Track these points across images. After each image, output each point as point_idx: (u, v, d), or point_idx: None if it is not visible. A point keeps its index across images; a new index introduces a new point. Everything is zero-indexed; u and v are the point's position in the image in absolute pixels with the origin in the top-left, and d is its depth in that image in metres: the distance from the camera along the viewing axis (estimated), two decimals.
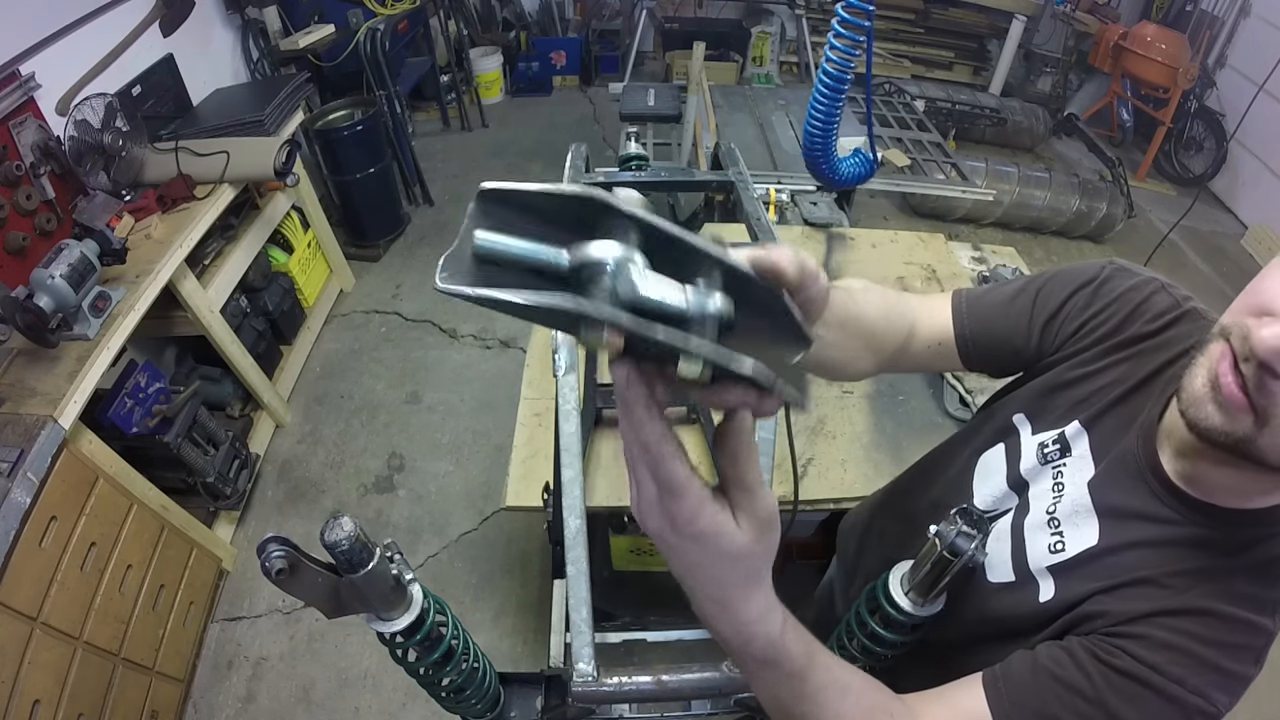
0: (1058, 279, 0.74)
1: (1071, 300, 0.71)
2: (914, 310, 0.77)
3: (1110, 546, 0.61)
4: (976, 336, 0.75)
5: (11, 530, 1.34)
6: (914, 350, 0.76)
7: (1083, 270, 0.73)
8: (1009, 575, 0.68)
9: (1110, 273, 0.71)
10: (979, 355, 0.76)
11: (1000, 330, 0.74)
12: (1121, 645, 0.55)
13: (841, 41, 1.18)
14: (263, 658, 2.02)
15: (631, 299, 0.30)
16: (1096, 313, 0.70)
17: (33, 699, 1.38)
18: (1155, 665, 0.53)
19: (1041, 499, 0.69)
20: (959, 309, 0.76)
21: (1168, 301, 0.67)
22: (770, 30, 5.17)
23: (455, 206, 3.85)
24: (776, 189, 2.05)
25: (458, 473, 2.51)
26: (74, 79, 2.07)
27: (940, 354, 0.77)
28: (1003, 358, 0.76)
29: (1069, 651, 0.57)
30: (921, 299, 0.79)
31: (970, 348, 0.75)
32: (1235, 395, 0.48)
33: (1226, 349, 0.50)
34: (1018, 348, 0.74)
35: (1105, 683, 0.54)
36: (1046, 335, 0.73)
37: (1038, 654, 0.59)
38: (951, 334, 0.76)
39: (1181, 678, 0.53)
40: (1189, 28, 4.33)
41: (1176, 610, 0.55)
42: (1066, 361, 0.71)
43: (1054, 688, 0.56)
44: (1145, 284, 0.69)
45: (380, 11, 3.46)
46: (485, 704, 0.77)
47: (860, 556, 1.04)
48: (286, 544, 0.51)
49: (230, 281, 2.29)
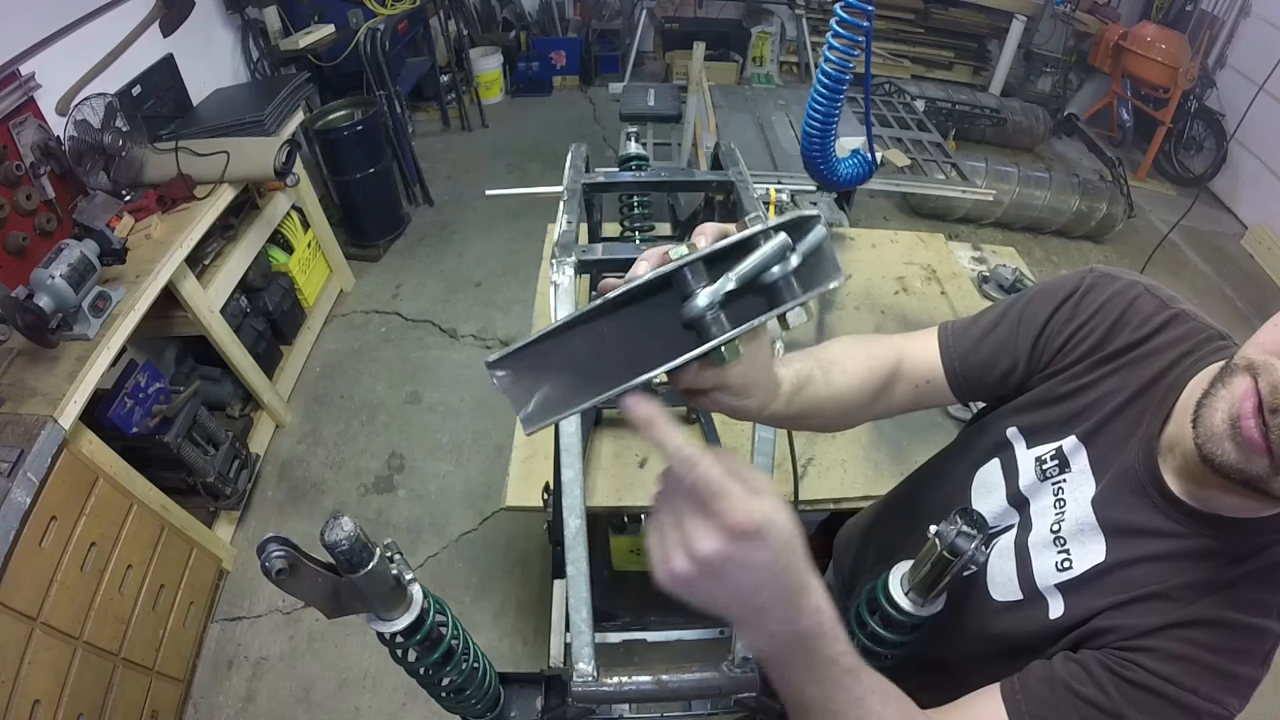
0: (1038, 298, 0.73)
1: (1055, 316, 0.71)
2: (897, 354, 0.77)
3: (1118, 562, 0.61)
4: (966, 368, 0.75)
5: (11, 530, 1.34)
6: (900, 394, 0.77)
7: (1062, 284, 0.72)
8: (1016, 594, 0.68)
9: (1091, 282, 0.70)
10: (970, 385, 0.76)
11: (988, 357, 0.74)
12: (1134, 659, 0.56)
13: (840, 41, 1.18)
14: (263, 658, 2.01)
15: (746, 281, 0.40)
16: (1080, 325, 0.69)
17: (33, 699, 1.38)
18: (1168, 676, 0.54)
19: (1044, 516, 0.68)
20: (945, 343, 0.76)
21: (1153, 305, 0.67)
22: (770, 30, 5.17)
23: (455, 206, 3.85)
24: (776, 189, 2.05)
25: (458, 473, 2.51)
26: (74, 79, 2.07)
27: (930, 391, 0.77)
28: (993, 383, 0.76)
29: (1084, 665, 0.58)
30: (906, 339, 0.79)
31: (961, 380, 0.76)
32: (1256, 440, 0.48)
33: (1252, 390, 0.49)
34: (1007, 371, 0.74)
35: (1121, 695, 0.55)
36: (1035, 354, 0.72)
37: (1054, 666, 0.59)
38: (940, 370, 0.76)
39: (1195, 687, 0.54)
40: (1189, 28, 4.33)
41: (1186, 622, 0.56)
42: (1057, 376, 0.71)
43: (1072, 701, 0.57)
44: (1128, 289, 0.68)
45: (380, 11, 3.46)
46: (485, 704, 0.77)
47: (856, 573, 1.04)
48: (286, 544, 0.51)
49: (230, 281, 2.29)
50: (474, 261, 3.46)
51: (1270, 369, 0.49)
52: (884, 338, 0.78)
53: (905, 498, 0.97)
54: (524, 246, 3.45)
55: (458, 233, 3.66)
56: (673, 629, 1.20)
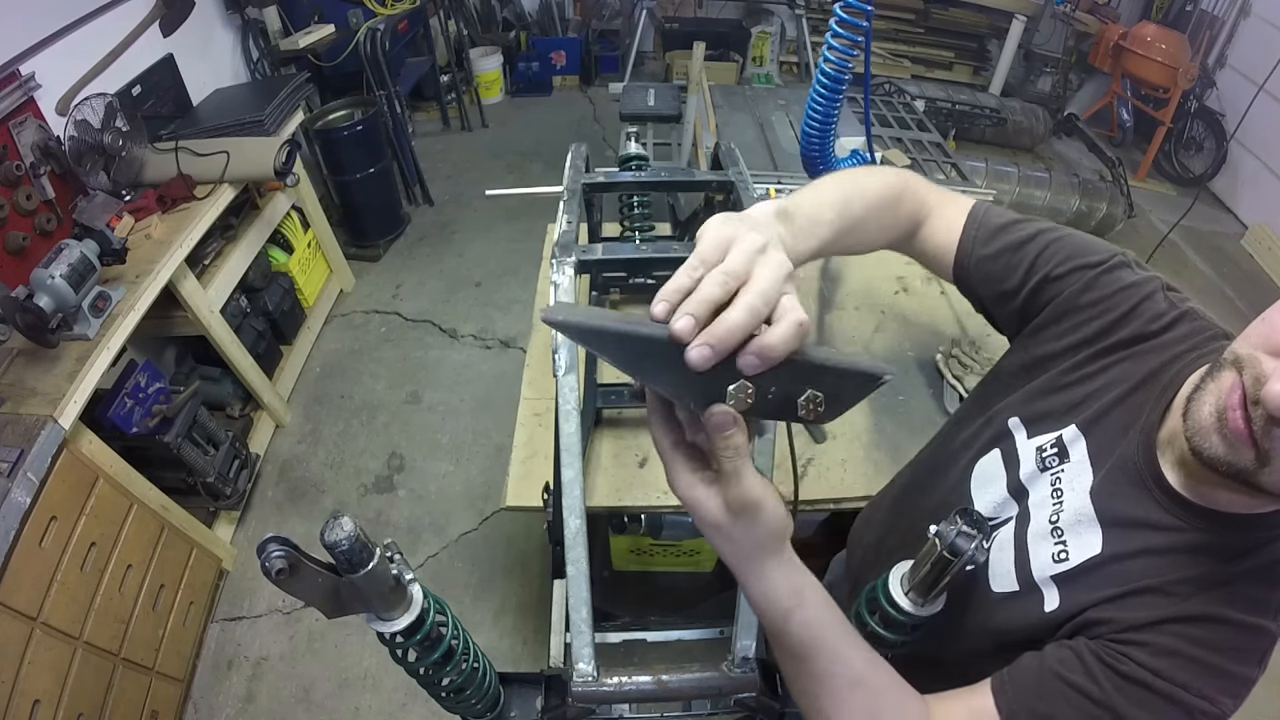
0: (1068, 241, 0.73)
1: (1073, 275, 0.71)
2: (922, 217, 0.78)
3: (1114, 555, 0.61)
4: (974, 265, 0.76)
5: (11, 530, 1.34)
6: (911, 248, 0.80)
7: (1094, 247, 0.72)
8: (1013, 585, 0.68)
9: (1117, 262, 0.70)
10: (968, 282, 0.78)
11: (998, 270, 0.75)
12: (1127, 652, 0.55)
13: (839, 41, 1.18)
14: (263, 658, 2.01)
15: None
16: (1094, 302, 0.69)
17: (33, 699, 1.38)
18: (1160, 671, 0.54)
19: (1042, 507, 0.68)
20: (969, 232, 0.77)
21: (1165, 304, 0.67)
22: (770, 30, 5.17)
23: (455, 206, 3.85)
24: (776, 189, 2.05)
25: (458, 473, 2.51)
26: (74, 79, 2.07)
27: (935, 262, 0.80)
28: (989, 295, 0.77)
29: (1076, 653, 0.58)
30: (939, 204, 0.79)
31: (963, 273, 0.77)
32: (1241, 431, 0.48)
33: (1238, 383, 0.49)
34: (1007, 292, 0.75)
35: (1113, 687, 0.55)
36: (1039, 296, 0.73)
37: (1045, 655, 0.60)
38: (953, 252, 0.77)
39: (1186, 683, 0.53)
40: (1189, 28, 4.32)
41: (1181, 617, 0.55)
42: (1061, 362, 0.71)
43: (1061, 689, 0.57)
44: (1146, 283, 0.68)
45: (380, 11, 3.46)
46: (485, 704, 0.77)
47: (863, 568, 1.04)
48: (286, 544, 0.51)
49: (230, 281, 2.29)
50: (474, 261, 3.46)
51: (1255, 362, 0.49)
52: (911, 199, 0.77)
53: (908, 493, 0.96)
54: (524, 246, 3.45)
55: (458, 233, 3.66)
56: (673, 629, 1.20)
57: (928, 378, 1.53)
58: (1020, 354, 0.77)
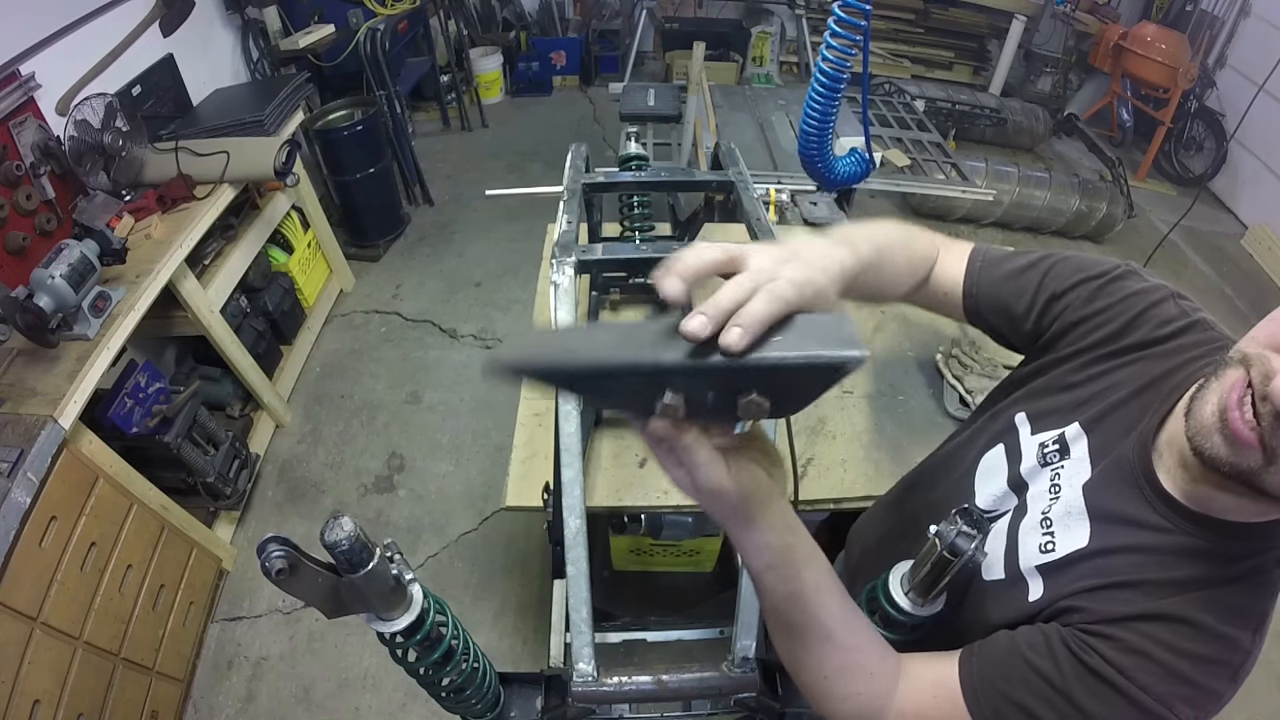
0: (1069, 262, 0.75)
1: (1078, 289, 0.72)
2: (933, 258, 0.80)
3: (1099, 549, 0.61)
4: (982, 296, 0.78)
5: (11, 530, 1.34)
6: (925, 293, 0.81)
7: (1096, 263, 0.74)
8: (1001, 574, 0.68)
9: (1122, 272, 0.71)
10: (980, 314, 0.79)
11: (1006, 295, 0.77)
12: (1094, 644, 0.55)
13: (838, 41, 1.18)
14: (263, 658, 2.02)
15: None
16: (1099, 310, 0.70)
17: (33, 699, 1.38)
18: (1123, 669, 0.54)
19: (1039, 500, 0.69)
20: (973, 268, 0.79)
21: (1175, 311, 0.67)
22: (770, 30, 5.17)
23: (455, 206, 3.85)
24: (776, 189, 2.05)
25: (458, 473, 2.51)
26: (74, 79, 2.07)
27: (947, 302, 0.81)
28: (1001, 323, 0.78)
29: (1045, 636, 0.58)
30: (944, 248, 0.81)
31: (973, 305, 0.79)
32: (1242, 432, 0.48)
33: (1242, 380, 0.49)
34: (1017, 316, 0.76)
35: (1074, 674, 0.55)
36: (1047, 314, 0.74)
37: (1017, 635, 0.61)
38: (960, 289, 0.79)
39: (1147, 685, 0.53)
40: (1189, 28, 4.32)
41: (1152, 615, 0.55)
42: (1069, 363, 0.71)
43: (1024, 670, 0.57)
44: (1154, 290, 0.69)
45: (380, 11, 3.46)
46: (485, 704, 0.77)
47: (863, 567, 1.04)
48: (286, 544, 0.51)
49: (230, 281, 2.29)
50: (474, 261, 3.46)
51: (1263, 360, 0.49)
52: (923, 238, 0.80)
53: (914, 487, 0.97)
54: (524, 246, 3.45)
55: (458, 233, 3.66)
56: (673, 629, 1.20)
57: (928, 378, 1.53)
58: (1031, 363, 0.79)
